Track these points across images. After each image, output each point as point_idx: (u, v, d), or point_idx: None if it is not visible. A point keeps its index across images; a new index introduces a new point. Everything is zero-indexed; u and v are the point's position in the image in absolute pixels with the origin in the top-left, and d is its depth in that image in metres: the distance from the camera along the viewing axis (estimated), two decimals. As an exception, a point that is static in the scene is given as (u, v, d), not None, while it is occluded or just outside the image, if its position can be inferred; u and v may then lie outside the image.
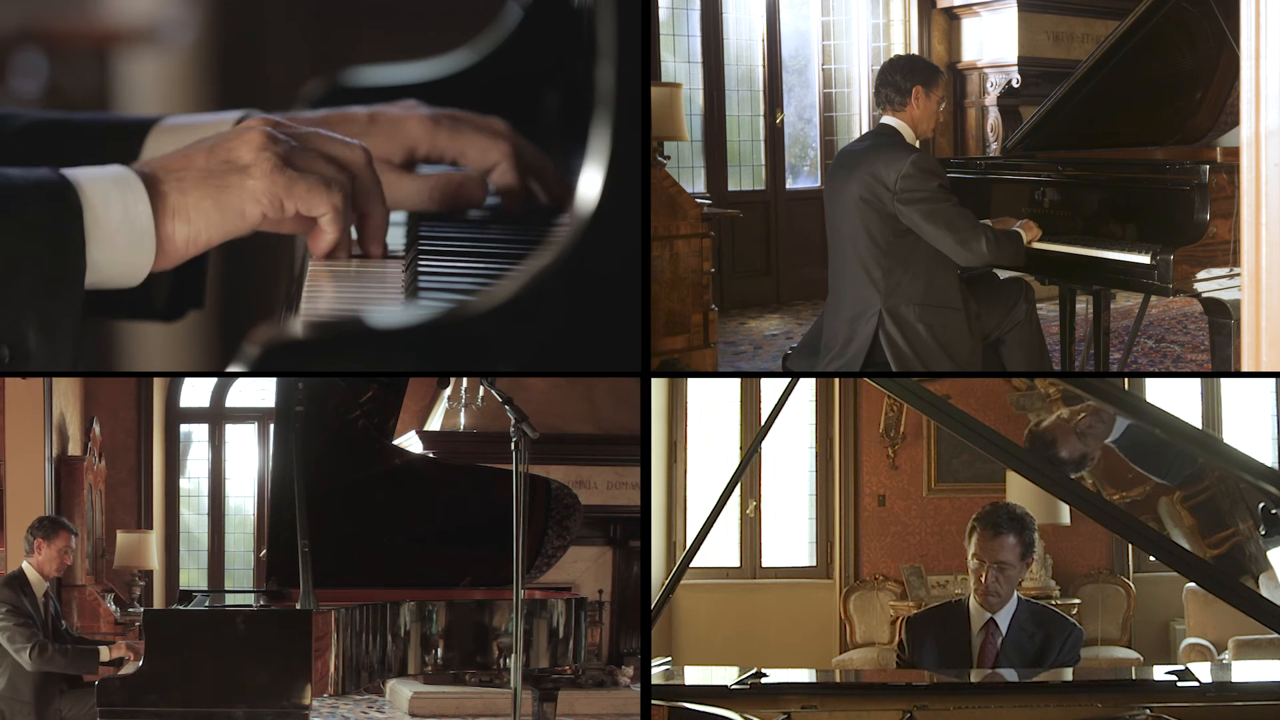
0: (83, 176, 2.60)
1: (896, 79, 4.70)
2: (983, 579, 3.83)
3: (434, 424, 8.50)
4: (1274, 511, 3.19)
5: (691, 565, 3.65)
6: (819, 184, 9.34)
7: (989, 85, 9.23)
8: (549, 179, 3.19)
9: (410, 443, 8.11)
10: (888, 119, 4.72)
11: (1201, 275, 4.38)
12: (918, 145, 4.72)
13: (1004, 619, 3.85)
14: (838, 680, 3.94)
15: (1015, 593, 3.90)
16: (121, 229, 2.60)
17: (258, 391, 9.55)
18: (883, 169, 4.55)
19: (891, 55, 9.00)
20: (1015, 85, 9.11)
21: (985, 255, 4.58)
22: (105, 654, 4.56)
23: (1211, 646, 6.98)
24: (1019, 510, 3.88)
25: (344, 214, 2.78)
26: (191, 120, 3.14)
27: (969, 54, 9.40)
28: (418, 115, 3.14)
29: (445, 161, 3.16)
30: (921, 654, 3.88)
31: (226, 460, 9.83)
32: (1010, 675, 3.66)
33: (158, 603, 8.73)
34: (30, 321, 2.52)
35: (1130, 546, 7.88)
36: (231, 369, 2.54)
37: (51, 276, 2.54)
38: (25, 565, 4.87)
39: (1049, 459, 3.38)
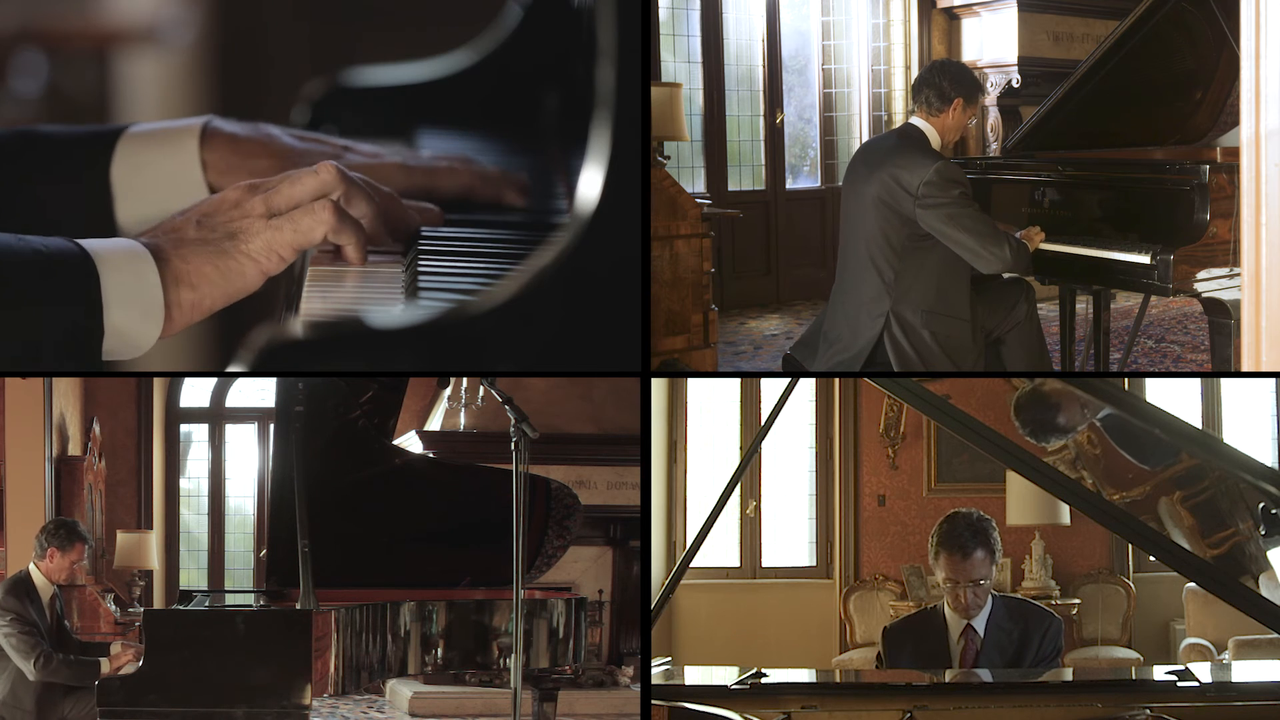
0: (96, 246, 2.70)
1: (943, 85, 4.64)
2: (962, 599, 3.84)
3: (434, 424, 8.50)
4: (1274, 511, 3.18)
5: (691, 565, 3.65)
6: (819, 184, 9.34)
7: (989, 85, 9.22)
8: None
9: (410, 443, 8.11)
10: (918, 120, 4.67)
11: (1201, 275, 4.38)
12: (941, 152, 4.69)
13: (980, 622, 3.87)
14: (838, 680, 3.93)
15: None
16: (135, 294, 2.68)
17: (258, 391, 9.55)
18: (906, 174, 4.50)
19: (942, 59, 8.96)
20: (1015, 85, 9.11)
21: (1008, 260, 4.54)
22: (105, 666, 4.51)
23: (1211, 646, 6.97)
24: (975, 517, 3.87)
25: (349, 222, 2.82)
26: (158, 127, 3.21)
27: (969, 54, 9.39)
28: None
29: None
30: (900, 664, 3.88)
31: (226, 460, 9.82)
32: (1011, 675, 3.66)
33: (158, 603, 8.73)
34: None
35: (1130, 546, 7.87)
36: (231, 369, 2.54)
37: (73, 334, 2.64)
38: (32, 568, 4.74)
39: (1043, 420, 3.36)
